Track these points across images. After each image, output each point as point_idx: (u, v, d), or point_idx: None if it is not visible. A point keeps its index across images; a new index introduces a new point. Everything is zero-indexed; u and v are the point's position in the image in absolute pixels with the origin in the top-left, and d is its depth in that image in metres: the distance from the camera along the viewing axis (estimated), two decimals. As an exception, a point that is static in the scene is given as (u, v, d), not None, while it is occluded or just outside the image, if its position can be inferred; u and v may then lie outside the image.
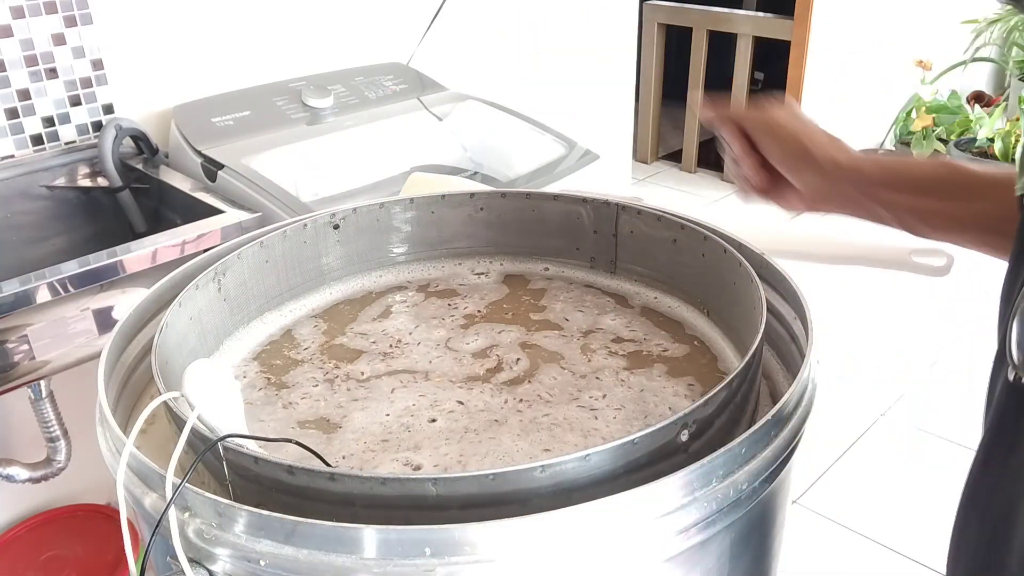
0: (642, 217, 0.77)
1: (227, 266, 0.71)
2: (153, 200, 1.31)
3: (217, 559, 0.45)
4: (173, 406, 0.52)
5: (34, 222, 1.29)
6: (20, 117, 1.26)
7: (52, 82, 1.28)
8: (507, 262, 0.84)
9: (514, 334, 0.73)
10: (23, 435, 1.27)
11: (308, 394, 0.66)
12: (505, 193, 0.82)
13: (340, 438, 0.61)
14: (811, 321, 0.60)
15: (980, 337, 2.34)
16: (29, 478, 1.19)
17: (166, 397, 0.52)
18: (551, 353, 0.70)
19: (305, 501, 0.47)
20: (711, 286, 0.72)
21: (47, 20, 1.25)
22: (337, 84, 1.52)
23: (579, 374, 0.68)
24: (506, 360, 0.69)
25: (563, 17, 2.09)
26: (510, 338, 0.73)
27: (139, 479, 0.50)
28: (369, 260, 0.82)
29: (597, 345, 0.71)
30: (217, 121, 1.36)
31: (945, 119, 3.26)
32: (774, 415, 0.51)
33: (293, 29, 1.55)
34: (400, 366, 0.69)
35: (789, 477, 0.57)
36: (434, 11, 1.72)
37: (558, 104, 1.99)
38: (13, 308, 0.92)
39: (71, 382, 1.06)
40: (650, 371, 0.68)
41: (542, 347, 0.71)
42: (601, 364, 0.69)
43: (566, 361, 0.69)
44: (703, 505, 0.46)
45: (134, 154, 1.34)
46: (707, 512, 0.47)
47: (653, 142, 3.78)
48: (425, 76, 1.65)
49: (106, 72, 1.33)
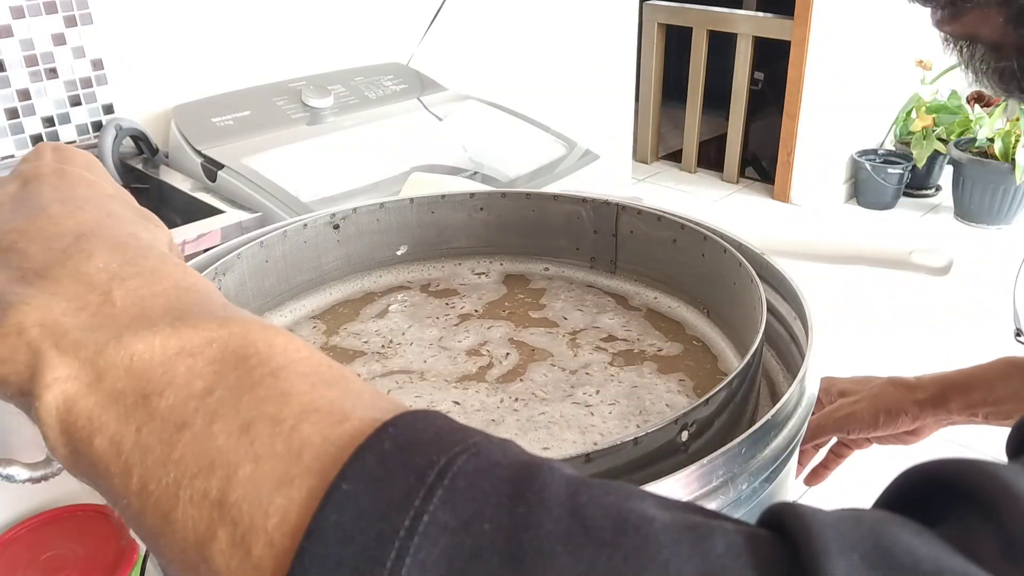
0: (642, 217, 0.77)
1: (227, 266, 0.71)
2: (153, 200, 1.31)
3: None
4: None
5: (34, 222, 1.29)
6: (20, 117, 1.26)
7: (52, 82, 1.28)
8: (507, 262, 0.84)
9: (503, 329, 0.73)
10: (23, 435, 1.27)
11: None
12: (505, 193, 0.82)
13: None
14: (811, 321, 0.60)
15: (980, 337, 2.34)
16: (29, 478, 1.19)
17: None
18: (539, 349, 0.71)
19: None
20: (711, 286, 0.72)
21: (47, 20, 1.25)
22: (337, 84, 1.52)
23: (569, 369, 0.68)
24: (496, 356, 0.70)
25: (563, 17, 2.09)
26: (499, 333, 0.73)
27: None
28: (369, 260, 0.82)
29: (584, 340, 0.72)
30: (217, 121, 1.36)
31: (945, 119, 3.26)
32: (774, 415, 0.51)
33: (293, 29, 1.55)
34: (396, 366, 0.69)
35: (789, 477, 0.57)
36: (434, 11, 1.72)
37: (558, 104, 1.99)
38: (13, 308, 0.92)
39: (71, 382, 1.06)
40: (640, 368, 0.68)
41: (528, 343, 0.71)
42: (588, 359, 0.69)
43: (555, 358, 0.69)
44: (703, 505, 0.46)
45: (134, 154, 1.34)
46: (707, 512, 0.47)
47: (653, 142, 3.78)
48: (425, 76, 1.65)
49: (106, 72, 1.33)
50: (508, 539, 0.20)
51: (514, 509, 0.20)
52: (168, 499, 0.22)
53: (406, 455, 0.21)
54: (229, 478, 0.22)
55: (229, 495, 0.22)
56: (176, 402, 0.23)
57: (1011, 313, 0.56)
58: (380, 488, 0.20)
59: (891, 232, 3.15)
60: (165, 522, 0.22)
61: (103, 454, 0.23)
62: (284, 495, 0.21)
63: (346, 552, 0.20)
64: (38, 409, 0.24)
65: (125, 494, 0.23)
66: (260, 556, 0.21)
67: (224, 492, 0.22)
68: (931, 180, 3.40)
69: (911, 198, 3.39)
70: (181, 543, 0.22)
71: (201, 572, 0.22)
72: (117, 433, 0.23)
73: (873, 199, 3.32)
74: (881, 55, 3.26)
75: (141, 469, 0.23)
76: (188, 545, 0.22)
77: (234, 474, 0.22)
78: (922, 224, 3.23)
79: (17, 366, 0.25)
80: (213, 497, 0.22)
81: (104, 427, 0.24)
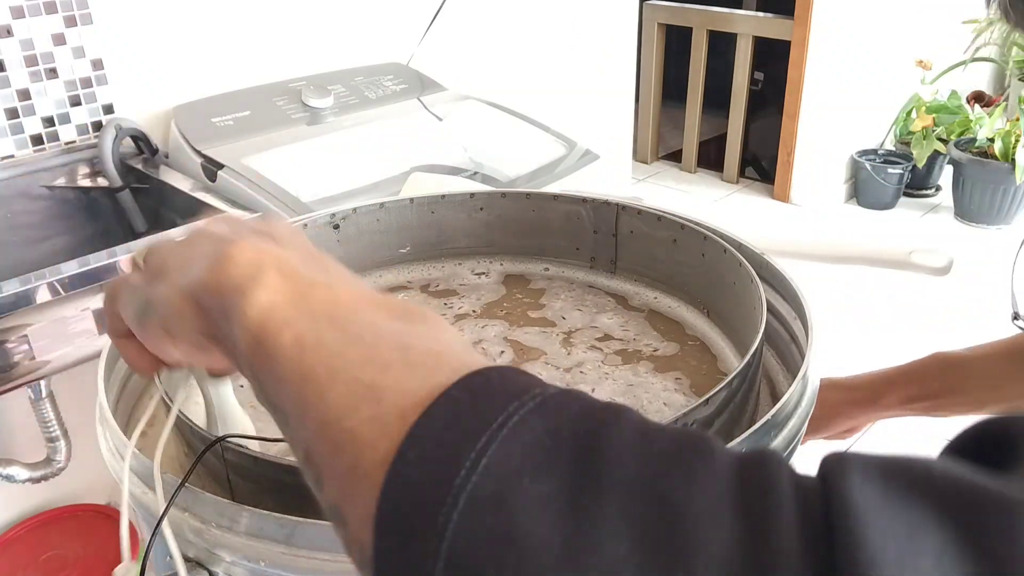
0: (642, 217, 0.77)
1: (227, 266, 0.71)
2: (153, 200, 1.31)
3: (217, 559, 0.45)
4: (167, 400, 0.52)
5: (34, 222, 1.29)
6: (20, 117, 1.26)
7: (52, 82, 1.28)
8: (507, 262, 0.84)
9: (498, 328, 0.73)
10: (23, 435, 1.27)
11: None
12: (505, 193, 0.82)
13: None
14: (811, 321, 0.60)
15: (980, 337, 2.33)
16: (29, 478, 1.19)
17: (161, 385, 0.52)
18: (533, 348, 0.71)
19: (305, 501, 0.47)
20: (711, 286, 0.72)
21: (47, 20, 1.25)
22: (337, 84, 1.52)
23: (563, 367, 0.68)
24: (490, 354, 0.70)
25: (563, 17, 2.09)
26: (494, 332, 0.73)
27: (139, 479, 0.50)
28: (369, 260, 0.82)
29: (578, 340, 0.72)
30: (217, 121, 1.36)
31: (945, 119, 3.26)
32: (774, 415, 0.51)
33: (293, 29, 1.55)
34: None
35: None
36: (434, 11, 1.72)
37: (558, 104, 1.99)
38: (13, 308, 0.92)
39: (71, 382, 1.06)
40: (636, 367, 0.68)
41: (522, 342, 0.71)
42: (582, 358, 0.69)
43: (549, 356, 0.69)
44: (703, 505, 0.46)
45: (134, 154, 1.34)
46: (707, 512, 0.47)
47: (653, 142, 3.78)
48: (425, 76, 1.65)
49: (106, 72, 1.33)
50: (583, 446, 0.25)
51: (593, 427, 0.26)
52: (328, 382, 0.29)
53: (509, 382, 0.28)
54: (383, 371, 0.29)
55: (379, 382, 0.29)
56: (356, 325, 0.31)
57: (1009, 298, 0.56)
58: (486, 397, 0.27)
59: (891, 232, 3.15)
60: (320, 399, 0.29)
61: (285, 346, 0.31)
62: (420, 384, 0.28)
63: (446, 435, 0.26)
64: (242, 304, 0.32)
65: (290, 377, 0.30)
66: (390, 424, 0.27)
67: (375, 380, 0.29)
68: (931, 180, 3.40)
69: (911, 198, 3.39)
70: (326, 415, 0.29)
71: (337, 436, 0.28)
72: (303, 333, 0.31)
73: (873, 199, 3.32)
74: (881, 55, 3.26)
75: (313, 359, 0.30)
76: (331, 417, 0.28)
77: (387, 369, 0.29)
78: (922, 224, 3.23)
79: (242, 271, 0.33)
80: (367, 382, 0.29)
81: (294, 328, 0.31)
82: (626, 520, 0.23)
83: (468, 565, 0.23)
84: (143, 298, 0.38)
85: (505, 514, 0.23)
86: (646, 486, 0.24)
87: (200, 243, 0.37)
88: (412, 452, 0.26)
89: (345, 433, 0.28)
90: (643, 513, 0.23)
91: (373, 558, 0.26)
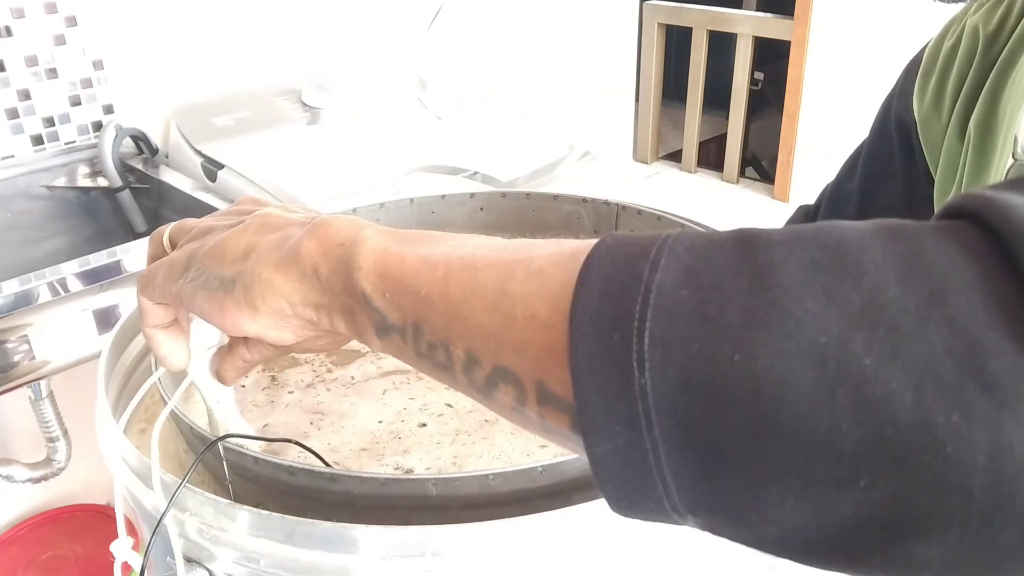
0: (642, 217, 0.77)
1: (227, 266, 0.71)
2: (153, 200, 1.31)
3: (217, 559, 0.45)
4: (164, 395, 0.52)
5: (34, 222, 1.29)
6: (20, 117, 1.26)
7: (52, 82, 1.28)
8: (507, 262, 0.84)
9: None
10: (23, 435, 1.27)
11: (304, 397, 0.66)
12: (505, 193, 0.82)
13: (338, 444, 0.61)
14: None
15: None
16: (29, 478, 1.19)
17: (156, 376, 0.52)
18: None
19: (305, 501, 0.47)
20: (711, 286, 0.72)
21: (47, 20, 1.25)
22: (337, 84, 1.52)
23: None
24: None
25: (563, 16, 2.09)
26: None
27: (139, 479, 0.50)
28: (369, 260, 0.82)
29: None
30: (217, 121, 1.36)
31: (945, 119, 3.25)
32: (774, 415, 0.51)
33: (293, 29, 1.55)
34: (391, 367, 0.69)
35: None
36: (434, 11, 1.72)
37: (558, 104, 1.99)
38: (13, 308, 0.92)
39: (71, 382, 1.06)
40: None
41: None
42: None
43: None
44: (703, 505, 0.46)
45: (134, 154, 1.34)
46: (707, 512, 0.47)
47: (653, 142, 3.78)
48: (425, 76, 1.65)
49: (106, 72, 1.33)
50: (739, 238, 0.26)
51: (740, 234, 0.26)
52: (471, 270, 0.31)
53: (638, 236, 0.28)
54: (518, 251, 0.31)
55: (525, 254, 0.30)
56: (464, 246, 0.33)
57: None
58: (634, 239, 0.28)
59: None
60: (468, 288, 0.31)
61: (413, 266, 0.33)
62: (563, 246, 0.30)
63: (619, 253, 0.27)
64: (362, 249, 0.35)
65: (428, 281, 0.32)
66: (562, 262, 0.28)
67: (517, 256, 0.30)
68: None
69: (911, 198, 3.39)
70: (482, 289, 0.30)
71: (497, 302, 0.29)
72: (428, 255, 0.33)
73: (873, 199, 3.31)
74: (881, 55, 3.26)
75: (444, 265, 0.32)
76: (488, 291, 0.30)
77: (520, 250, 0.31)
78: (922, 224, 3.22)
79: (345, 233, 0.36)
80: (509, 261, 0.30)
81: (416, 252, 0.34)
82: (801, 264, 0.24)
83: (670, 335, 0.25)
84: (220, 275, 0.39)
85: (693, 288, 0.25)
86: (807, 242, 0.25)
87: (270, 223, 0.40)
88: (591, 274, 0.27)
89: (507, 295, 0.29)
90: (816, 258, 0.24)
91: (571, 361, 0.26)
